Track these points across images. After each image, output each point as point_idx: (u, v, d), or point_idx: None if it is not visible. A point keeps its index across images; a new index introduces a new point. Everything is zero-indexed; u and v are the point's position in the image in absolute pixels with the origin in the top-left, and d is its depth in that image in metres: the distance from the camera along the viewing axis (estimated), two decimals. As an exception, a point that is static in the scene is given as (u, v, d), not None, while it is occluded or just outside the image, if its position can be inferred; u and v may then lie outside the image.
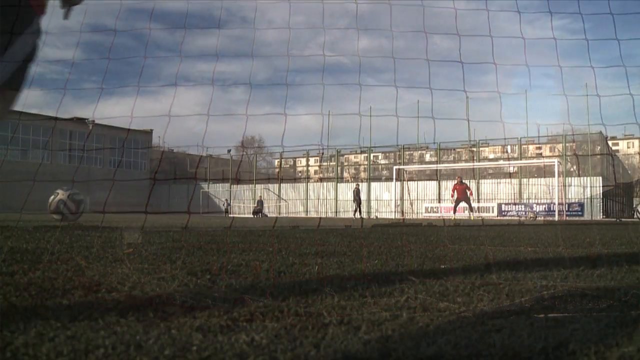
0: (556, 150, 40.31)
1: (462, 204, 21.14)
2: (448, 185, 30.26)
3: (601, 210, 25.43)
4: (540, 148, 49.46)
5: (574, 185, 26.14)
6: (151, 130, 44.62)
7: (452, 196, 20.54)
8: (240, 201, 38.33)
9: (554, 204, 23.15)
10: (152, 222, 7.78)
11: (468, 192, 20.69)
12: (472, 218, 20.56)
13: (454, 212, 21.32)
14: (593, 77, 2.16)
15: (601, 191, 26.06)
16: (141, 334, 1.00)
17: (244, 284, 1.61)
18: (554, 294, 1.50)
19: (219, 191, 39.31)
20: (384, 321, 1.14)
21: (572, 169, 32.00)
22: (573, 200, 25.72)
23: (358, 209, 25.68)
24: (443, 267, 2.18)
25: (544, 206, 26.38)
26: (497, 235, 5.49)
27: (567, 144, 30.40)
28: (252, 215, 31.87)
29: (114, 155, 42.63)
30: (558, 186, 22.87)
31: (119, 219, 11.92)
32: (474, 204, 20.67)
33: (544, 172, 37.17)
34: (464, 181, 21.13)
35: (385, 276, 1.85)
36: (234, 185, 40.06)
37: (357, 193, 25.40)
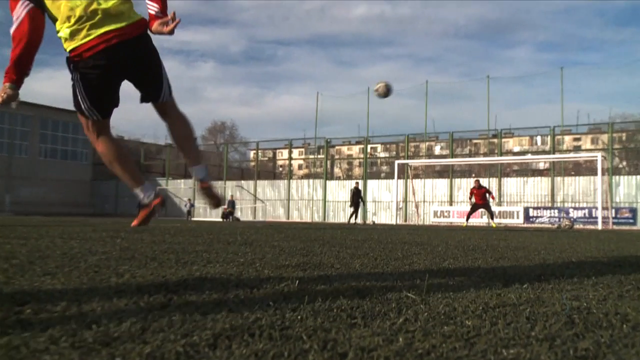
0: (600, 142, 40.72)
1: (480, 210, 21.40)
2: (462, 184, 30.45)
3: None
4: (579, 139, 49.97)
5: (623, 186, 26.30)
6: (95, 111, 44.40)
7: (470, 199, 20.93)
8: (219, 193, 38.15)
9: (597, 209, 23.31)
10: (94, 226, 7.75)
11: (489, 197, 21.01)
12: (493, 225, 20.81)
13: (467, 219, 21.60)
14: None
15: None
16: (78, 362, 1.01)
17: (208, 302, 1.62)
18: (587, 318, 1.53)
19: (179, 189, 39.15)
20: (376, 347, 1.16)
21: (620, 165, 32.36)
22: (622, 205, 25.85)
23: (355, 214, 25.73)
24: (451, 283, 2.21)
25: (583, 212, 26.48)
26: (520, 245, 5.55)
27: (613, 134, 30.57)
28: (221, 219, 31.80)
29: (46, 142, 42.09)
30: (602, 187, 22.96)
31: (50, 222, 11.82)
32: (494, 208, 20.90)
33: (584, 168, 37.51)
34: (482, 184, 21.44)
35: (380, 293, 1.87)
36: (198, 182, 39.81)
37: (356, 194, 25.43)
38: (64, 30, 2.83)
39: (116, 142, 3.16)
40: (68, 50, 2.84)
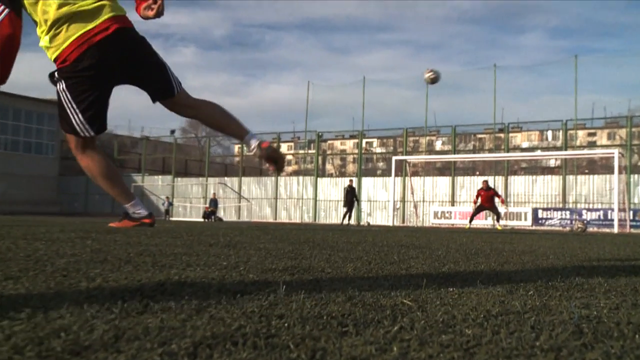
0: (617, 137, 40.88)
1: (485, 210, 21.53)
2: (465, 182, 30.57)
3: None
4: (594, 134, 50.19)
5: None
6: (63, 100, 43.95)
7: (475, 203, 21.08)
8: (187, 200, 38.12)
9: (613, 210, 23.38)
10: (62, 227, 7.72)
11: (497, 200, 21.13)
12: (498, 228, 20.87)
13: (471, 220, 21.71)
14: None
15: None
16: (45, 372, 1.01)
17: (187, 308, 1.64)
18: (596, 328, 1.55)
19: (157, 186, 39.03)
20: (368, 357, 1.18)
21: (639, 163, 32.49)
22: (641, 206, 25.92)
23: (348, 214, 25.77)
24: (451, 289, 2.23)
25: (597, 213, 26.54)
26: (527, 249, 5.60)
27: (632, 129, 30.67)
28: (202, 220, 31.74)
29: (6, 133, 41.60)
30: (619, 186, 23.01)
31: (12, 221, 11.78)
32: (501, 209, 20.98)
33: (599, 166, 37.66)
34: (490, 186, 21.53)
35: (373, 299, 1.89)
36: (179, 178, 39.80)
37: (350, 192, 25.47)
38: (43, 39, 2.83)
39: (103, 157, 3.15)
40: (52, 58, 2.84)
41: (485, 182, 21.14)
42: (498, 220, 21.19)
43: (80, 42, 2.76)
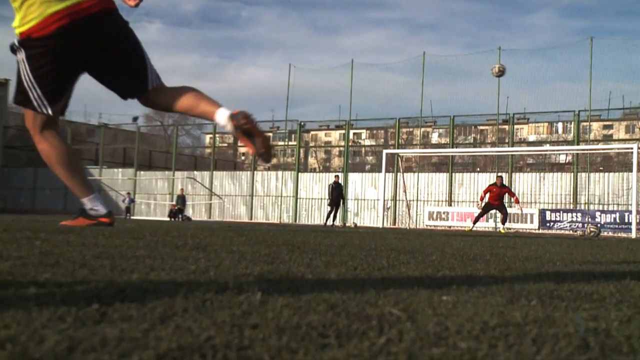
0: (636, 130, 41.21)
1: (493, 211, 21.34)
2: (464, 180, 30.72)
3: None
4: (610, 126, 50.58)
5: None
6: (7, 80, 43.02)
7: (482, 199, 20.84)
8: (151, 196, 37.96)
9: (630, 212, 23.50)
10: (5, 225, 7.66)
11: (512, 199, 20.93)
12: (502, 231, 20.98)
13: (476, 221, 21.54)
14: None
15: None
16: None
17: (150, 317, 1.64)
18: (605, 342, 1.58)
19: (117, 180, 38.83)
20: (353, 372, 1.20)
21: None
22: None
23: (334, 214, 25.80)
24: (445, 298, 2.26)
25: (612, 216, 26.61)
26: (532, 255, 5.65)
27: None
28: (168, 219, 31.64)
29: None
30: (637, 185, 23.08)
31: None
32: (515, 210, 20.93)
33: (615, 163, 37.91)
34: (504, 183, 21.26)
35: (358, 308, 1.91)
36: (142, 172, 39.61)
37: (335, 190, 25.48)
38: (16, 20, 2.82)
39: (63, 143, 3.14)
40: (18, 33, 2.83)
41: (500, 177, 20.91)
42: (503, 223, 21.14)
43: (62, 16, 2.75)
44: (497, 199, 20.20)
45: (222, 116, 2.96)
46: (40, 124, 3.03)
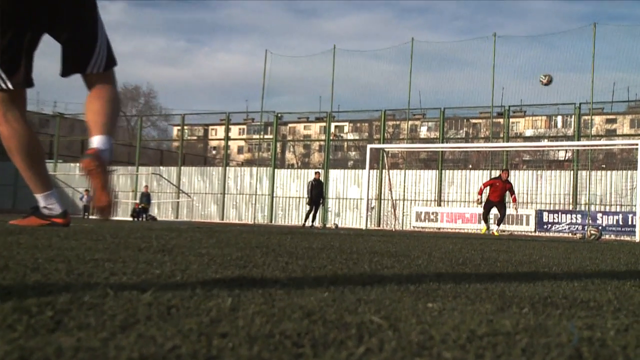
0: (643, 124, 41.58)
1: (494, 210, 21.02)
2: (455, 177, 30.83)
3: None
4: (613, 120, 51.02)
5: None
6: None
7: (480, 194, 20.52)
8: (112, 193, 37.64)
9: (634, 214, 23.63)
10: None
11: (510, 197, 20.67)
12: (495, 234, 21.00)
13: (487, 220, 21.01)
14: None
15: None
16: None
17: (110, 325, 1.65)
18: (599, 352, 1.61)
19: (74, 176, 38.54)
20: (328, 384, 1.21)
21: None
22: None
23: (313, 214, 25.79)
24: (430, 305, 2.29)
25: (615, 217, 26.72)
26: (526, 259, 5.71)
27: (661, 115, 30.90)
28: (131, 219, 31.47)
29: None
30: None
31: None
32: (510, 210, 20.90)
33: (619, 160, 38.16)
34: (509, 179, 20.91)
35: (336, 316, 1.93)
36: (99, 167, 39.27)
37: (315, 187, 25.46)
38: None
39: (27, 129, 3.09)
40: None
41: (507, 171, 20.66)
42: (499, 224, 21.05)
43: None
44: (499, 194, 19.86)
45: (92, 143, 2.96)
46: (3, 105, 2.98)
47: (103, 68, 2.87)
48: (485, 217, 20.97)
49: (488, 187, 20.36)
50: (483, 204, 20.54)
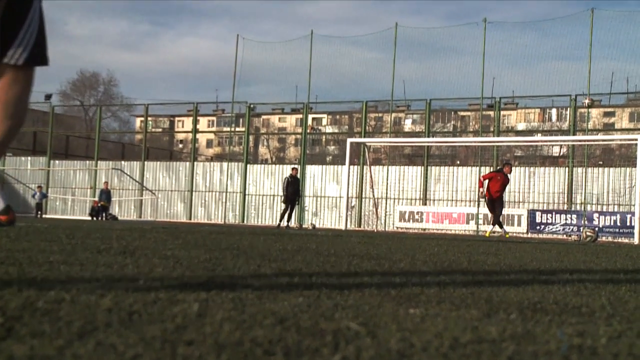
0: (643, 118, 41.89)
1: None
2: (441, 174, 30.90)
3: None
4: (611, 114, 51.40)
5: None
6: None
7: (481, 185, 20.41)
8: (68, 190, 37.48)
9: (633, 214, 23.71)
10: None
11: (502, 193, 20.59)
12: (486, 234, 21.06)
13: (499, 223, 20.82)
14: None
15: None
16: None
17: (67, 332, 1.65)
18: (590, 360, 1.64)
19: (25, 171, 38.24)
20: (301, 394, 1.23)
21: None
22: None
23: (289, 213, 25.75)
24: (412, 311, 2.31)
25: (612, 218, 26.81)
26: (516, 262, 5.76)
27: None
28: (89, 218, 31.29)
29: None
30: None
31: None
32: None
33: (617, 156, 38.38)
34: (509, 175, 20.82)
35: (311, 322, 1.95)
36: (57, 161, 39.09)
37: (292, 184, 25.40)
38: None
39: None
40: None
41: (509, 165, 20.65)
42: (493, 224, 20.93)
43: None
44: (499, 190, 19.68)
45: None
46: None
47: (23, 61, 2.65)
48: (498, 218, 20.66)
49: (488, 181, 20.22)
50: (489, 201, 20.34)
